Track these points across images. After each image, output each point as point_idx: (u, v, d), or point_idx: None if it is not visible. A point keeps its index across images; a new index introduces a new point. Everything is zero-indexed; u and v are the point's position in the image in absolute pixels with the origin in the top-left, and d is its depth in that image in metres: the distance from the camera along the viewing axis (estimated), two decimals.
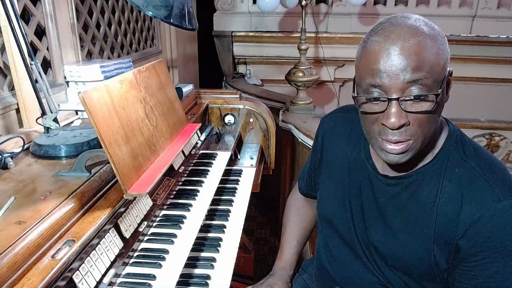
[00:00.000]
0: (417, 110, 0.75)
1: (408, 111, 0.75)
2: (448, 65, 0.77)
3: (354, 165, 0.97)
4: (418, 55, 0.72)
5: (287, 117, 2.58)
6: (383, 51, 0.74)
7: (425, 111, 0.75)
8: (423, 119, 0.76)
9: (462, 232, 0.79)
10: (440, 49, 0.75)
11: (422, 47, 0.73)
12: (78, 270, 0.77)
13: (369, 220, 0.94)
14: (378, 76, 0.75)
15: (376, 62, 0.74)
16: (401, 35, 0.74)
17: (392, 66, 0.73)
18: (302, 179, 1.22)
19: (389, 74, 0.73)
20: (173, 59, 2.77)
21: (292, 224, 1.24)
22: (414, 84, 0.73)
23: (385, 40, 0.74)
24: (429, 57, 0.73)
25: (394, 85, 0.74)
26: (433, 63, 0.73)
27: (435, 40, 0.75)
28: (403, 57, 0.72)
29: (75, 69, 1.49)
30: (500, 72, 3.75)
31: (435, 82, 0.74)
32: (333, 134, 1.04)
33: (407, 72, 0.72)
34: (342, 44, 3.58)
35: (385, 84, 0.74)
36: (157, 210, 1.15)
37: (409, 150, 0.79)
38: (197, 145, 1.60)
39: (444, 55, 0.76)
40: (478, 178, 0.80)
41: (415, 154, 0.80)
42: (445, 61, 0.76)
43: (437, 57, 0.74)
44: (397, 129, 0.76)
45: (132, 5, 1.69)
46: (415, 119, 0.76)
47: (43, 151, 1.10)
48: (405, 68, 0.72)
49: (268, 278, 1.14)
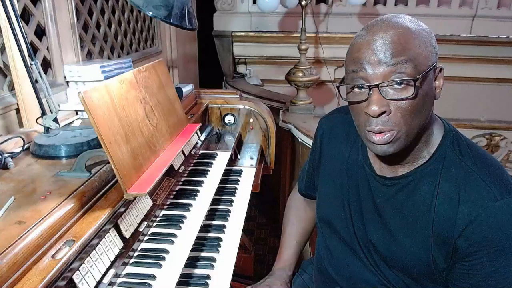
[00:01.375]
0: (398, 97, 0.76)
1: (389, 98, 0.76)
2: (433, 59, 0.78)
3: (352, 166, 0.97)
4: (397, 43, 0.74)
5: (287, 117, 2.58)
6: (365, 41, 0.77)
7: (405, 98, 0.75)
8: (406, 107, 0.76)
9: (459, 231, 0.79)
10: (423, 42, 0.76)
11: (402, 36, 0.75)
12: (78, 270, 0.77)
13: (368, 220, 0.94)
14: (359, 63, 0.77)
15: (358, 51, 0.78)
16: (383, 28, 0.77)
17: (372, 54, 0.75)
18: (301, 179, 1.23)
19: (369, 61, 0.76)
20: (173, 59, 2.77)
21: (291, 225, 1.24)
22: (395, 72, 0.75)
23: (367, 33, 0.78)
24: (409, 45, 0.74)
25: (375, 72, 0.76)
26: (414, 52, 0.75)
27: (418, 34, 0.76)
28: (383, 45, 0.75)
29: (75, 69, 1.49)
30: (500, 72, 3.75)
31: (416, 70, 0.75)
32: (331, 135, 1.05)
33: (386, 58, 0.74)
34: (342, 44, 3.57)
35: (366, 71, 0.76)
36: (157, 210, 1.15)
37: (394, 141, 0.79)
38: (197, 145, 1.60)
39: (427, 48, 0.77)
40: (474, 178, 0.80)
41: (402, 146, 0.80)
42: (428, 53, 0.77)
43: (419, 47, 0.75)
44: (378, 116, 0.77)
45: (132, 5, 1.69)
46: (397, 108, 0.76)
47: (43, 151, 1.10)
48: (384, 54, 0.75)
49: (267, 278, 1.14)
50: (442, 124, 0.87)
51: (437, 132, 0.86)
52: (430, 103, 0.80)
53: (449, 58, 3.52)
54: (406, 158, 0.86)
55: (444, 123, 0.88)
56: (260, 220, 3.07)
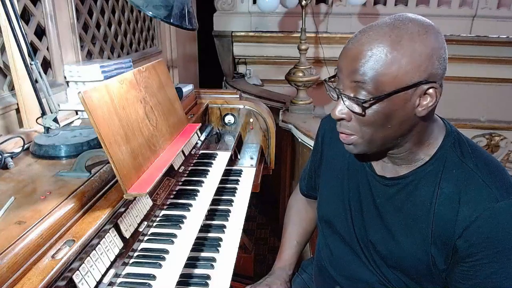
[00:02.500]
0: (352, 109, 0.79)
1: (347, 107, 0.80)
2: (414, 78, 0.73)
3: (353, 165, 0.98)
4: (367, 60, 0.74)
5: (287, 117, 2.58)
6: (347, 48, 0.80)
7: (355, 112, 0.79)
8: (363, 119, 0.79)
9: (459, 232, 0.79)
10: (399, 61, 0.72)
11: (374, 54, 0.74)
12: (78, 270, 0.77)
13: (368, 220, 0.94)
14: (338, 67, 0.82)
15: (341, 54, 0.82)
16: (363, 38, 0.76)
17: (345, 64, 0.79)
18: (303, 179, 1.23)
19: (341, 70, 0.80)
20: (173, 59, 2.77)
21: (292, 225, 1.24)
22: (354, 87, 0.77)
23: (353, 39, 0.80)
24: (376, 66, 0.73)
25: (342, 80, 0.80)
26: (381, 73, 0.73)
27: (398, 50, 0.72)
28: (354, 59, 0.76)
29: (75, 69, 1.49)
30: (500, 72, 3.75)
31: (376, 91, 0.75)
32: (332, 135, 1.05)
33: (353, 73, 0.77)
34: (342, 44, 3.51)
35: (339, 76, 0.81)
36: (157, 210, 1.15)
37: (356, 145, 0.84)
38: (197, 145, 1.60)
39: (404, 67, 0.72)
40: (475, 179, 0.79)
41: (366, 151, 0.85)
42: (403, 73, 0.73)
43: (389, 67, 0.73)
44: (339, 120, 0.83)
45: (132, 5, 1.69)
46: (356, 118, 0.80)
47: (43, 151, 1.10)
48: (352, 69, 0.77)
49: (267, 278, 1.14)
50: (443, 126, 0.87)
51: (438, 134, 0.85)
52: (401, 120, 0.78)
53: (449, 58, 3.48)
54: (396, 160, 0.87)
55: (446, 124, 0.88)
56: (260, 220, 3.07)
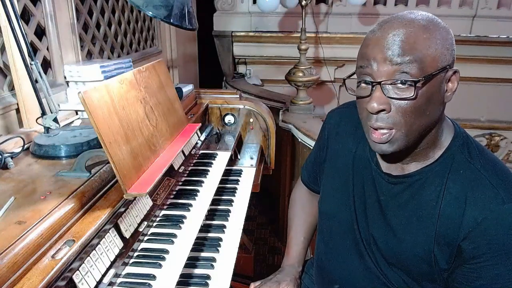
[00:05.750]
0: (398, 96, 0.76)
1: (389, 96, 0.77)
2: (446, 61, 0.76)
3: (358, 161, 0.97)
4: (405, 42, 0.74)
5: (287, 117, 2.58)
6: (374, 38, 0.78)
7: (405, 98, 0.75)
8: (406, 108, 0.76)
9: (465, 233, 0.78)
10: (434, 43, 0.75)
11: (410, 36, 0.74)
12: (78, 270, 0.77)
13: (371, 217, 0.94)
14: (366, 59, 0.78)
15: (366, 47, 0.79)
16: (394, 25, 0.76)
17: (379, 51, 0.76)
18: (305, 169, 1.22)
19: (376, 58, 0.76)
20: (173, 59, 2.77)
21: (297, 221, 1.24)
22: (399, 71, 0.75)
23: (379, 29, 0.78)
24: (417, 45, 0.74)
25: (379, 69, 0.76)
26: (422, 52, 0.74)
27: (431, 34, 0.75)
28: (390, 43, 0.75)
29: (75, 69, 1.49)
30: (500, 72, 3.75)
31: (422, 71, 0.74)
32: (338, 130, 1.04)
33: (392, 56, 0.75)
34: (342, 44, 3.58)
35: (372, 67, 0.77)
36: (157, 210, 1.15)
37: (393, 141, 0.80)
38: (197, 145, 1.60)
39: (439, 50, 0.75)
40: (482, 180, 0.79)
41: (402, 147, 0.81)
42: (439, 55, 0.75)
43: (428, 48, 0.74)
44: (377, 113, 0.78)
45: (132, 5, 1.69)
46: (398, 107, 0.77)
47: (43, 151, 1.10)
48: (391, 52, 0.74)
49: (276, 274, 1.14)
50: (452, 126, 0.87)
51: (447, 134, 0.85)
52: (436, 105, 0.79)
53: None
54: (408, 158, 0.86)
55: (454, 125, 0.88)
56: (260, 220, 3.06)
